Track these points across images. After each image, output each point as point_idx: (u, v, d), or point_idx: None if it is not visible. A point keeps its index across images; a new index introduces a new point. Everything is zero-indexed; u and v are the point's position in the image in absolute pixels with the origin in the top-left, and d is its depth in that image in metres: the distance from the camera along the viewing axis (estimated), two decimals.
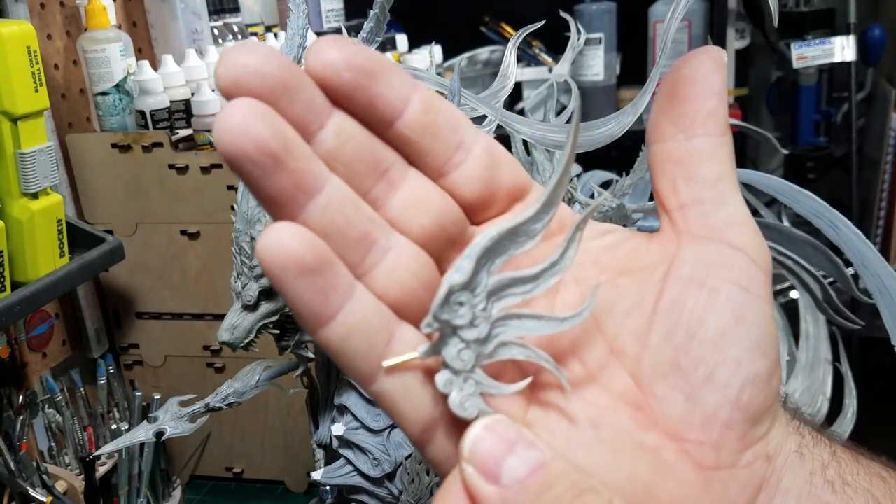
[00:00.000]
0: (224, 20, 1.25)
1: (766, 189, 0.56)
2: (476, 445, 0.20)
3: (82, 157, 1.02)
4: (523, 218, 0.21)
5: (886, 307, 0.49)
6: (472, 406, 0.21)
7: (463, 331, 0.21)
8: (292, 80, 0.20)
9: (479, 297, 0.21)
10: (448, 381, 0.21)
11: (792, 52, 1.43)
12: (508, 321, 0.22)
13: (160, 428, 0.56)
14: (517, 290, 0.22)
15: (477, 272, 0.21)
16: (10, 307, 0.74)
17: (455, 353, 0.21)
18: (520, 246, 0.22)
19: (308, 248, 0.20)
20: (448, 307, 0.21)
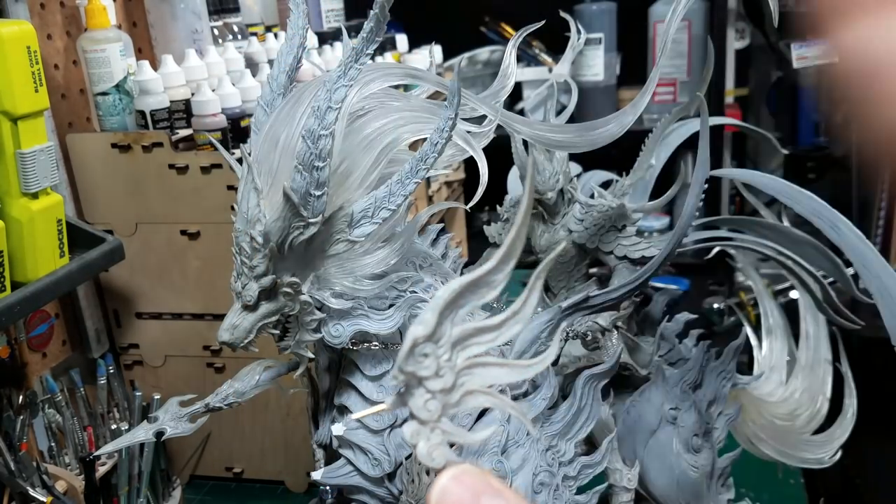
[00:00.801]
0: (224, 20, 1.25)
1: (766, 189, 0.56)
2: (443, 496, 0.21)
3: (82, 157, 1.02)
4: (483, 271, 0.22)
5: (886, 307, 0.49)
6: (440, 456, 0.21)
7: (428, 381, 0.21)
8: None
9: (442, 347, 0.21)
10: (416, 432, 0.22)
11: (792, 52, 1.43)
12: (474, 370, 0.22)
13: (160, 428, 0.56)
14: (481, 339, 0.22)
15: (440, 324, 0.21)
16: (10, 307, 0.74)
17: (421, 404, 0.21)
18: (481, 297, 0.22)
19: None
20: (413, 359, 0.21)
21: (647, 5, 1.57)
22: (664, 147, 0.70)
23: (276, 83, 0.51)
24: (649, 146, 0.68)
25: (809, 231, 0.56)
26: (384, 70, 0.49)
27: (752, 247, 0.62)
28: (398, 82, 0.49)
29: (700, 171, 0.53)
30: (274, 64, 0.50)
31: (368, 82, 0.48)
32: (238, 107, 1.01)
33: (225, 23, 1.25)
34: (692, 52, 1.56)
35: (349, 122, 0.48)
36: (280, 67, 0.51)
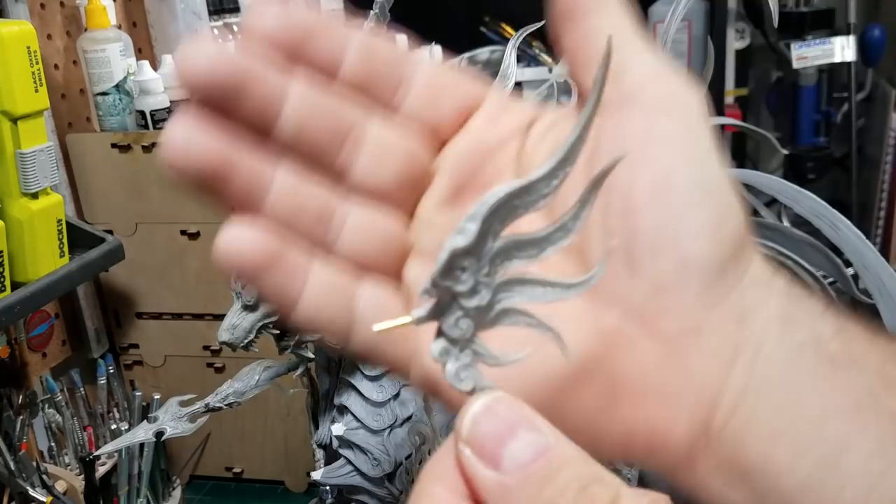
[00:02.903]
0: (224, 20, 1.25)
1: (766, 189, 0.56)
2: (475, 426, 0.19)
3: (82, 157, 1.02)
4: (537, 175, 0.19)
5: (886, 307, 0.49)
6: (469, 377, 0.20)
7: (463, 298, 0.19)
8: (246, 74, 0.21)
9: (483, 261, 0.19)
10: (444, 351, 0.20)
11: (792, 52, 1.43)
12: (513, 287, 0.20)
13: (160, 428, 0.56)
14: (523, 253, 0.20)
15: (482, 235, 0.19)
16: (10, 307, 0.74)
17: (453, 322, 0.19)
18: (531, 206, 0.20)
19: (257, 248, 0.21)
20: (449, 273, 0.19)
21: (647, 5, 1.57)
22: None
23: None
24: None
25: (809, 231, 0.56)
26: None
27: None
28: None
29: None
30: None
31: None
32: None
33: (225, 23, 1.25)
34: (692, 52, 1.56)
35: None
36: None
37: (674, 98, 0.23)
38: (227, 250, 0.21)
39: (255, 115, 0.22)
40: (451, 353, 0.20)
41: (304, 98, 0.22)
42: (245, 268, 0.21)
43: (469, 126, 0.25)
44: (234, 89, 0.21)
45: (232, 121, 0.21)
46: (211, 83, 0.21)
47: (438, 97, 0.24)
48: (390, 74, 0.24)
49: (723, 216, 0.22)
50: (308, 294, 0.22)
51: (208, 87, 0.21)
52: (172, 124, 0.21)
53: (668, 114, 0.22)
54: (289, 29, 0.22)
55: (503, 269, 0.20)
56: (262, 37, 0.22)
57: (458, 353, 0.20)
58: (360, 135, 0.23)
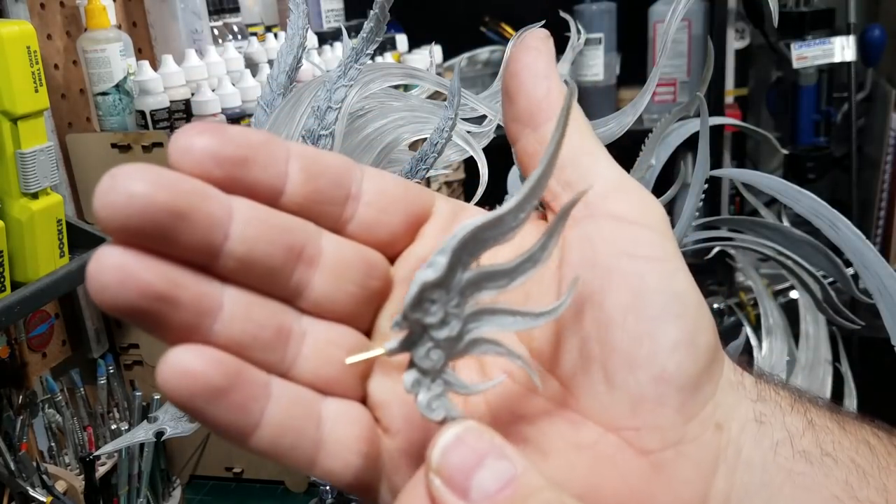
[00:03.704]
0: (224, 20, 1.25)
1: (766, 189, 0.56)
2: (444, 457, 0.19)
3: (82, 157, 1.02)
4: (503, 210, 0.20)
5: (886, 307, 0.49)
6: (440, 407, 0.20)
7: (434, 330, 0.20)
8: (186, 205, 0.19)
9: (452, 293, 0.20)
10: (416, 382, 0.20)
11: (792, 52, 1.43)
12: (482, 317, 0.20)
13: (160, 428, 0.56)
14: (492, 284, 0.20)
15: (452, 267, 0.19)
16: (10, 307, 0.74)
17: (424, 353, 0.20)
18: (499, 238, 0.20)
19: (214, 368, 0.19)
20: (420, 306, 0.19)
21: (647, 5, 1.57)
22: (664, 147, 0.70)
23: (276, 83, 0.51)
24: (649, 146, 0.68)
25: (809, 231, 0.56)
26: (384, 70, 0.49)
27: (752, 247, 0.62)
28: (398, 82, 0.49)
29: (700, 171, 0.53)
30: (274, 64, 0.50)
31: (368, 82, 0.48)
32: (238, 107, 1.01)
33: (225, 23, 1.25)
34: (692, 52, 1.56)
35: (349, 122, 0.48)
36: (280, 67, 0.51)
37: (639, 210, 0.22)
38: (173, 376, 0.19)
39: (197, 243, 0.19)
40: (423, 384, 0.20)
41: (251, 219, 0.20)
42: (197, 394, 0.19)
43: (423, 233, 0.24)
44: (171, 222, 0.19)
45: (171, 249, 0.19)
46: (141, 222, 0.18)
47: (388, 208, 0.23)
48: (336, 189, 0.22)
49: (697, 329, 0.22)
50: (268, 418, 0.20)
51: (138, 227, 0.18)
52: (101, 253, 0.18)
53: (634, 226, 0.22)
54: (225, 154, 0.20)
55: (473, 300, 0.20)
56: (196, 164, 0.20)
57: (430, 383, 0.20)
58: (313, 253, 0.22)
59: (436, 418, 0.20)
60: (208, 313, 0.20)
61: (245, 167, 0.20)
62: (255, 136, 0.21)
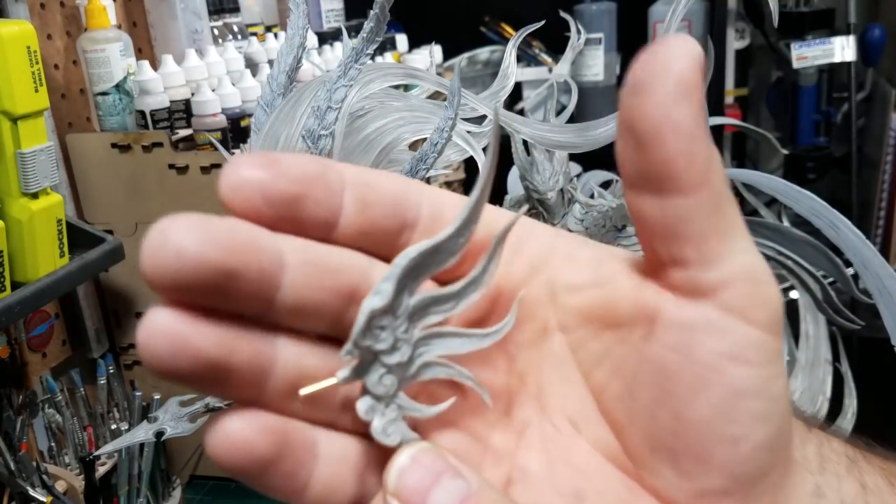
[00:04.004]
0: (224, 20, 1.25)
1: (766, 189, 0.56)
2: (401, 478, 0.19)
3: (82, 157, 1.02)
4: (444, 236, 0.20)
5: (886, 307, 0.49)
6: (395, 432, 0.20)
7: (384, 356, 0.20)
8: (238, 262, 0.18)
9: (400, 319, 0.20)
10: (370, 408, 0.20)
11: (792, 52, 1.43)
12: (431, 340, 0.21)
13: (160, 428, 0.56)
14: (439, 308, 0.21)
15: (398, 294, 0.20)
16: (10, 307, 0.74)
17: (377, 379, 0.20)
18: (441, 264, 0.20)
19: (263, 438, 0.19)
20: (369, 333, 0.20)
21: (647, 5, 1.57)
22: None
23: (276, 83, 0.51)
24: None
25: (809, 231, 0.56)
26: (384, 70, 0.49)
27: None
28: (398, 82, 0.49)
29: None
30: (274, 64, 0.50)
31: (368, 82, 0.48)
32: (238, 107, 1.01)
33: (225, 23, 1.25)
34: None
35: (349, 122, 0.48)
36: (280, 67, 0.51)
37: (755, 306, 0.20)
38: (223, 447, 0.19)
39: (249, 297, 0.18)
40: (378, 410, 0.20)
41: (303, 263, 0.19)
42: (247, 466, 0.19)
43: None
44: (223, 281, 0.18)
45: (222, 305, 0.18)
46: (192, 281, 0.17)
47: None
48: (391, 219, 0.21)
49: (780, 434, 0.21)
50: (316, 479, 0.20)
51: (189, 287, 0.17)
52: (152, 319, 0.18)
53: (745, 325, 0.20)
54: (278, 192, 0.19)
55: (421, 325, 0.21)
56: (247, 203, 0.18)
57: (384, 408, 0.20)
58: (365, 290, 0.20)
59: (391, 443, 0.20)
60: (262, 373, 0.19)
61: (299, 204, 0.19)
62: (310, 166, 0.19)
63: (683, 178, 0.19)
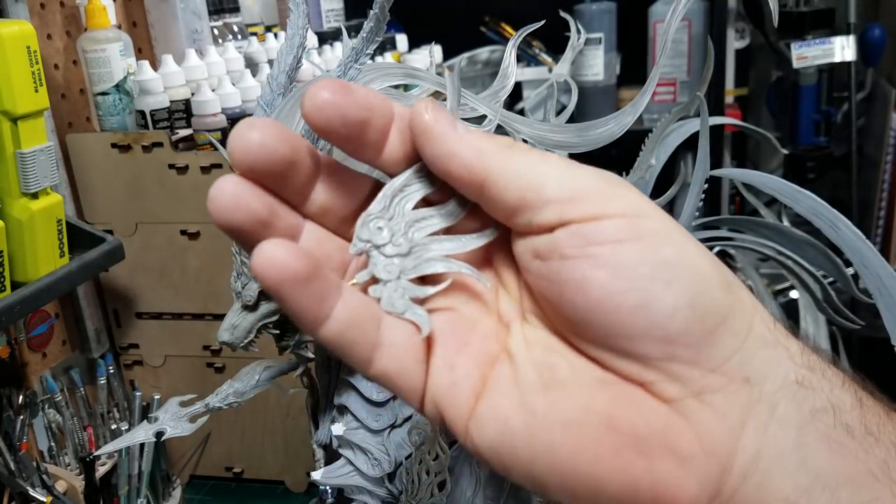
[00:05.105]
0: (224, 20, 1.25)
1: (766, 189, 0.56)
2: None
3: (82, 157, 1.02)
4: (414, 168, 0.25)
5: (886, 307, 0.49)
6: (401, 304, 0.24)
7: (385, 248, 0.25)
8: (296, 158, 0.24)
9: (396, 223, 0.25)
10: (377, 290, 0.25)
11: (792, 52, 1.43)
12: (430, 244, 0.25)
13: (160, 428, 0.56)
14: (434, 220, 0.26)
15: (391, 203, 0.25)
16: (10, 307, 0.74)
17: (381, 267, 0.25)
18: (428, 186, 0.25)
19: (300, 260, 0.22)
20: (367, 228, 0.25)
21: (647, 5, 1.57)
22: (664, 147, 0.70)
23: (276, 83, 0.51)
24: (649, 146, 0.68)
25: (809, 231, 0.56)
26: (384, 70, 0.48)
27: (752, 247, 0.62)
28: (398, 82, 0.49)
29: (700, 171, 0.53)
30: (274, 64, 0.50)
31: (368, 82, 0.48)
32: (238, 107, 1.01)
33: (225, 23, 1.25)
34: (692, 52, 1.56)
35: None
36: (280, 67, 0.51)
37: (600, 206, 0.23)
38: (265, 262, 0.22)
39: (295, 188, 0.24)
40: (385, 290, 0.25)
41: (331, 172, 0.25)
42: (285, 280, 0.22)
43: None
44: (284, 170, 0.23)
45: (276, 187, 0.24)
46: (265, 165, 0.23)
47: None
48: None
49: (697, 290, 0.22)
50: (338, 313, 0.23)
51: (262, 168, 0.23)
52: (222, 180, 0.23)
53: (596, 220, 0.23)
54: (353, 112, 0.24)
55: (422, 231, 0.25)
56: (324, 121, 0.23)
57: (391, 290, 0.25)
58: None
59: (398, 310, 0.24)
60: (293, 236, 0.25)
61: (363, 127, 0.24)
62: (376, 99, 0.24)
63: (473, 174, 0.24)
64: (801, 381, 0.23)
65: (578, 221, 0.23)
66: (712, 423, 0.22)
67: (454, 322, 0.25)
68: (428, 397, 0.24)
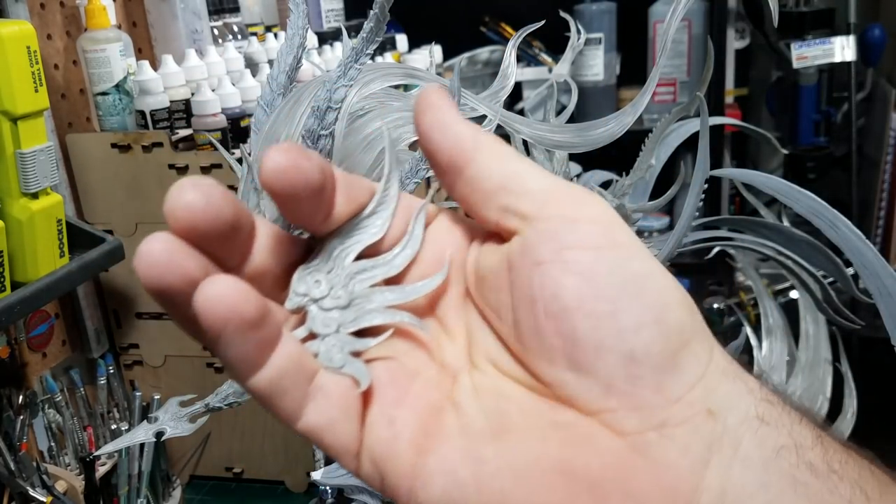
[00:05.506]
0: (224, 20, 1.25)
1: (766, 189, 0.56)
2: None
3: (82, 157, 1.02)
4: (364, 213, 0.25)
5: (886, 307, 0.49)
6: (339, 358, 0.23)
7: (323, 301, 0.24)
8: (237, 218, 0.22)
9: (335, 276, 0.24)
10: (314, 344, 0.24)
11: (792, 52, 1.43)
12: (371, 295, 0.25)
13: (160, 428, 0.56)
14: (376, 271, 0.25)
15: (329, 257, 0.24)
16: (10, 307, 0.74)
17: (319, 321, 0.24)
18: (370, 237, 0.25)
19: (251, 301, 0.20)
20: (305, 283, 0.24)
21: (647, 5, 1.57)
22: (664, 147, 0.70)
23: (275, 83, 0.51)
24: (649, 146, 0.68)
25: (809, 231, 0.56)
26: (384, 70, 0.49)
27: (752, 247, 0.62)
28: (398, 82, 0.49)
29: (700, 171, 0.53)
30: (274, 64, 0.50)
31: (368, 82, 0.48)
32: (238, 107, 1.01)
33: (225, 23, 1.25)
34: (692, 52, 1.56)
35: (349, 122, 0.48)
36: (280, 67, 0.51)
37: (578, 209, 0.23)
38: (211, 301, 0.20)
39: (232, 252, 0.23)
40: (322, 345, 0.24)
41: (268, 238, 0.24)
42: (230, 322, 0.20)
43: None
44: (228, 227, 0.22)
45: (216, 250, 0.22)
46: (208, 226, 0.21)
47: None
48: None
49: (662, 308, 0.22)
50: (273, 360, 0.22)
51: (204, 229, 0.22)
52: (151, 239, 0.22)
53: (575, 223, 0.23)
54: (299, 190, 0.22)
55: (361, 285, 0.25)
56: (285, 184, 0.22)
57: (330, 344, 0.24)
58: None
59: (335, 364, 0.23)
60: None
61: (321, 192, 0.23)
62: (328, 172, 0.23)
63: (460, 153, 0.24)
64: (763, 417, 0.22)
65: (553, 219, 0.23)
66: (673, 459, 0.21)
67: (394, 372, 0.24)
68: (364, 454, 0.23)
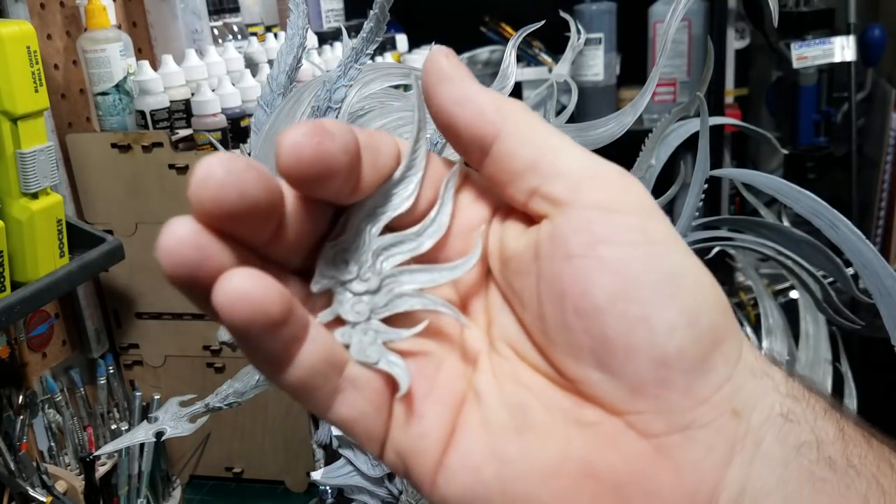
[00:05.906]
0: (224, 20, 1.25)
1: (766, 189, 0.56)
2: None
3: (82, 157, 1.02)
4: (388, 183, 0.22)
5: (886, 307, 0.49)
6: (374, 352, 0.22)
7: (352, 284, 0.22)
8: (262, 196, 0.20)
9: (363, 254, 0.22)
10: (345, 334, 0.22)
11: (792, 52, 1.43)
12: (400, 276, 0.22)
13: (160, 428, 0.56)
14: (403, 248, 0.23)
15: (356, 232, 0.22)
16: (10, 307, 0.74)
17: (349, 307, 0.22)
18: (395, 208, 0.22)
19: (276, 298, 0.19)
20: (331, 265, 0.22)
21: (647, 5, 1.57)
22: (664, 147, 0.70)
23: (276, 83, 0.51)
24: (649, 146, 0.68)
25: (809, 231, 0.56)
26: (384, 70, 0.49)
27: (752, 247, 0.62)
28: (398, 82, 0.49)
29: (700, 171, 0.53)
30: (274, 64, 0.50)
31: (368, 82, 0.48)
32: (238, 107, 1.02)
33: (225, 23, 1.25)
34: (692, 52, 1.56)
35: (349, 122, 0.48)
36: (280, 67, 0.51)
37: (616, 196, 0.22)
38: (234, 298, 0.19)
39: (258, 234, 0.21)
40: (354, 335, 0.22)
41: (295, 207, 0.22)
42: (256, 320, 0.19)
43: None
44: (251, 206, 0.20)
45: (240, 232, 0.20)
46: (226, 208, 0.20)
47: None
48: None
49: (697, 309, 0.21)
50: (303, 357, 0.21)
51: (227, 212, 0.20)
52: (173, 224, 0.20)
53: (611, 213, 0.21)
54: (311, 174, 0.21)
55: (389, 263, 0.23)
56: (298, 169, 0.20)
57: (361, 335, 0.22)
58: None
59: (371, 360, 0.22)
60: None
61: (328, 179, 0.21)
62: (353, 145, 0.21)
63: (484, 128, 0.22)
64: (787, 414, 0.22)
65: (587, 207, 0.21)
66: (697, 461, 0.21)
67: (420, 362, 0.23)
68: (389, 445, 0.23)
